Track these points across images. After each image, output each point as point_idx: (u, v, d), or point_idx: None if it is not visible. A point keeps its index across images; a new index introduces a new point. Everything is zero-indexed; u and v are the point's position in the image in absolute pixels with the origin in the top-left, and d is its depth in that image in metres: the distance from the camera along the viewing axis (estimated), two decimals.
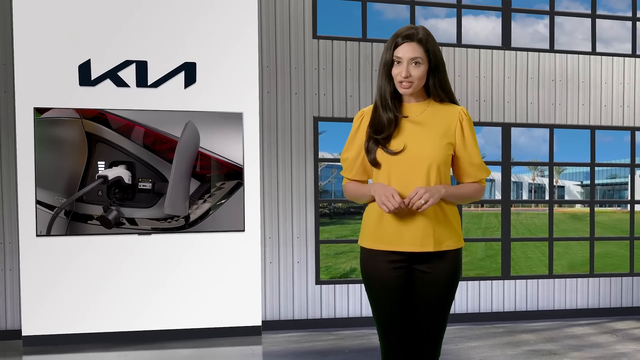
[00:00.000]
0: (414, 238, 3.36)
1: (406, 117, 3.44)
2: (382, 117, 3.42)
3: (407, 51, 3.37)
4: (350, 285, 8.66)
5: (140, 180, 7.59)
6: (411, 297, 3.44)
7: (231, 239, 7.86)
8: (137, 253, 7.65)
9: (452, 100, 3.51)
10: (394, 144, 3.38)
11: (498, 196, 23.32)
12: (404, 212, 3.34)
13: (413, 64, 3.37)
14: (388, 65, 3.42)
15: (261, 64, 8.29)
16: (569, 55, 9.38)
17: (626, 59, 9.56)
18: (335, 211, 44.31)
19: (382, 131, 3.40)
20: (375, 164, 3.43)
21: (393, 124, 3.41)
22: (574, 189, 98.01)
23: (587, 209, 18.83)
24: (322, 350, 7.26)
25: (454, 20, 9.17)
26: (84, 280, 7.54)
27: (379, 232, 3.42)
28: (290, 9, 8.44)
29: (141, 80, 7.64)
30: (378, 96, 3.47)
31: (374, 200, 3.44)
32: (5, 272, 7.82)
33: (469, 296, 8.96)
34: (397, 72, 3.38)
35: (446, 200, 3.39)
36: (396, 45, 3.40)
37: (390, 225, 3.39)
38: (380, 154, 3.41)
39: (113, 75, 7.58)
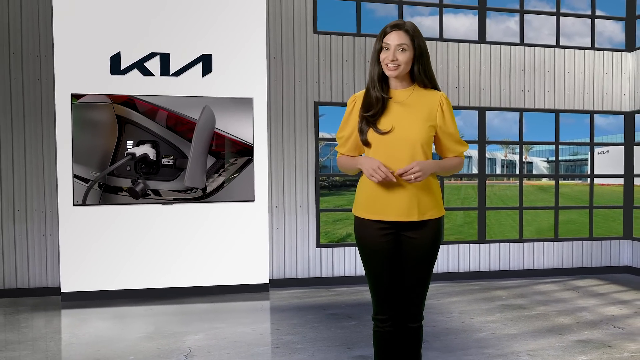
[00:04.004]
0: (400, 209, 3.35)
1: (390, 97, 3.42)
2: (372, 97, 3.41)
3: (394, 39, 3.34)
4: (346, 248, 8.67)
5: (163, 157, 7.58)
6: (399, 259, 3.43)
7: (242, 208, 7.87)
8: (161, 220, 7.66)
9: (434, 86, 3.48)
10: (383, 125, 3.36)
11: (475, 171, 23.37)
12: (392, 184, 3.33)
13: (400, 50, 3.33)
14: (378, 52, 3.40)
15: (269, 56, 8.26)
16: (536, 48, 9.35)
17: (586, 51, 9.52)
18: (333, 184, 44.34)
19: (371, 109, 3.38)
20: (367, 143, 3.40)
21: (380, 102, 3.37)
22: (541, 164, 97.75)
23: (552, 182, 18.93)
24: (322, 305, 7.28)
25: (437, 17, 9.13)
26: (115, 244, 7.55)
27: (370, 204, 3.40)
28: (294, 7, 8.39)
29: (164, 69, 7.62)
30: (369, 80, 3.45)
31: (362, 173, 3.44)
32: (47, 237, 7.83)
33: (449, 257, 8.98)
34: (385, 56, 3.35)
35: (433, 174, 3.38)
36: (385, 34, 3.38)
37: (379, 197, 3.37)
38: (371, 135, 3.38)
39: (140, 65, 7.56)
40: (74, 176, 7.39)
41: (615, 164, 11.38)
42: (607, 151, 62.42)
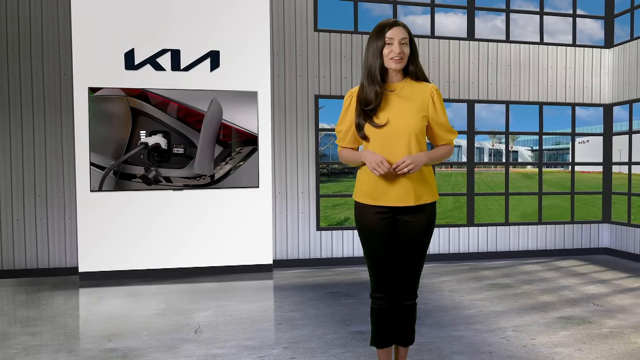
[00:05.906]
0: (397, 195, 3.34)
1: (392, 90, 3.40)
2: (370, 92, 3.36)
3: (397, 33, 3.31)
4: (344, 231, 8.67)
5: (174, 146, 7.57)
6: (395, 241, 3.43)
7: (248, 193, 7.86)
8: (172, 205, 7.66)
9: (425, 78, 3.48)
10: (380, 118, 3.34)
11: (464, 159, 23.33)
12: (390, 174, 3.32)
13: (403, 44, 3.32)
14: (380, 47, 3.35)
15: (272, 52, 8.23)
16: (521, 45, 9.32)
17: (567, 48, 9.49)
18: (332, 171, 44.37)
19: (370, 103, 3.35)
20: (365, 138, 3.39)
21: (380, 96, 3.34)
22: (525, 153, 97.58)
23: (536, 170, 18.91)
24: (322, 284, 7.28)
25: (429, 16, 9.11)
26: (129, 227, 7.55)
27: (370, 190, 3.39)
28: (296, 7, 8.36)
29: (175, 65, 7.59)
30: (367, 74, 3.38)
31: (364, 164, 3.42)
32: (65, 221, 7.83)
33: (440, 240, 8.98)
34: (390, 50, 3.30)
35: (425, 164, 3.37)
36: (386, 31, 3.34)
37: (378, 184, 3.35)
38: (368, 129, 3.36)
39: (152, 61, 7.53)
40: (91, 164, 7.38)
41: (594, 152, 11.40)
42: (587, 141, 62.42)
